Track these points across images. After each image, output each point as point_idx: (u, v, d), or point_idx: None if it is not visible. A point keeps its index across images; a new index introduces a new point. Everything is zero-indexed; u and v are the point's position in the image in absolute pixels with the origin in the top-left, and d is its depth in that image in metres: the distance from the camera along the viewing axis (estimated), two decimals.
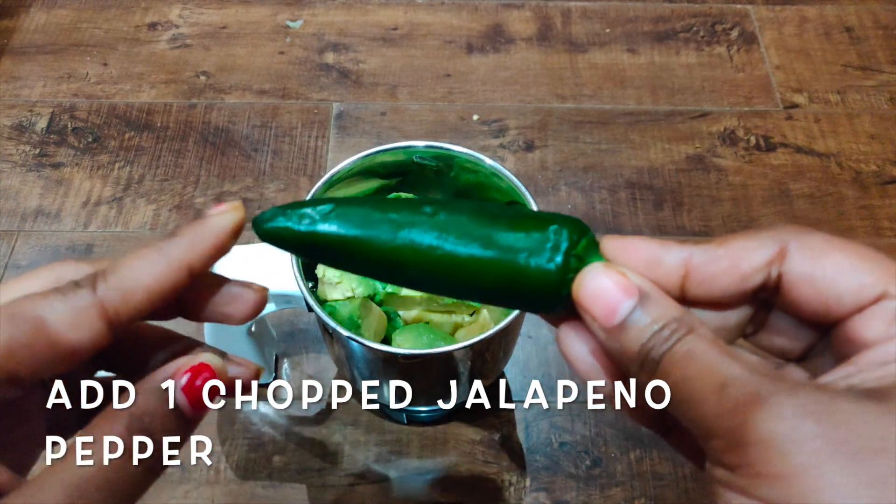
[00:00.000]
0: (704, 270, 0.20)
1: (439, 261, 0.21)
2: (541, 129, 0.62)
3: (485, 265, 0.21)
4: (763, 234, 0.20)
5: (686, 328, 0.19)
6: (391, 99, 0.64)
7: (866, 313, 0.19)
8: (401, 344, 0.39)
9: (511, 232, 0.21)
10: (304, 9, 0.70)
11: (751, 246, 0.20)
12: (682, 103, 0.64)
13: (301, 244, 0.22)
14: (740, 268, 0.20)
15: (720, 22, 0.70)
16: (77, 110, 0.63)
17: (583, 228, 0.21)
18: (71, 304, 0.19)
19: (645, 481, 0.46)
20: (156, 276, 0.20)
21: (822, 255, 0.19)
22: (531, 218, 0.21)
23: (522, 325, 0.44)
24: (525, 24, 0.70)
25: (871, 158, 0.61)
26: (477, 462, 0.47)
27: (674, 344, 0.18)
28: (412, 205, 0.22)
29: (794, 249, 0.19)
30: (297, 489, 0.46)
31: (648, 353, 0.19)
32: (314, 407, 0.49)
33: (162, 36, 0.68)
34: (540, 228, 0.20)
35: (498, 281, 0.21)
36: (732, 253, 0.20)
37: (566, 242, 0.20)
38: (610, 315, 0.19)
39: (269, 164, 0.60)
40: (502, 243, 0.20)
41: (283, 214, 0.22)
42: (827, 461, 0.16)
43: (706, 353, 0.18)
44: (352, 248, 0.21)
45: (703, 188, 0.59)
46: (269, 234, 0.22)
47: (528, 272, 0.20)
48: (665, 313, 0.19)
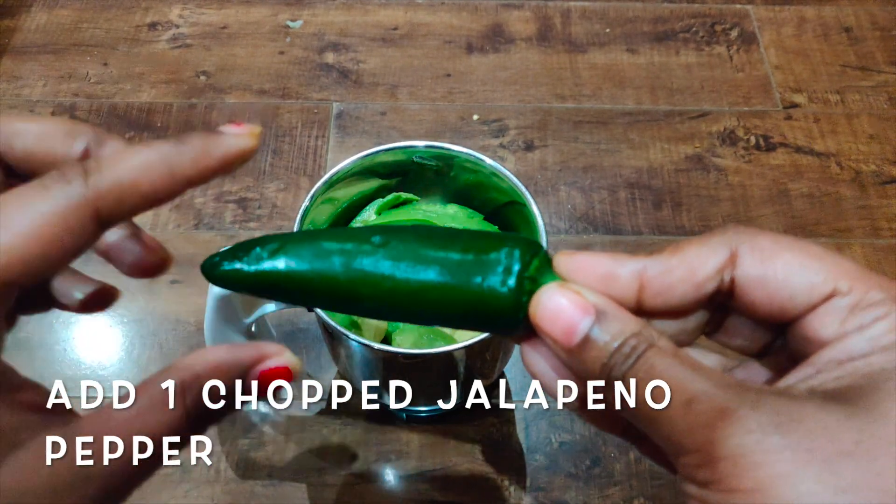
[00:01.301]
0: (660, 282, 0.20)
1: (394, 290, 0.20)
2: (541, 129, 0.62)
3: (439, 291, 0.20)
4: (714, 239, 0.20)
5: (646, 343, 0.19)
6: (391, 99, 0.64)
7: (819, 311, 0.19)
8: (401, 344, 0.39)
9: (463, 255, 0.20)
10: (304, 9, 0.70)
11: (703, 253, 0.20)
12: (682, 103, 0.64)
13: (253, 285, 0.21)
14: (695, 276, 0.20)
15: (720, 22, 0.70)
16: (77, 110, 0.63)
17: (535, 248, 0.21)
18: (60, 201, 0.18)
19: (643, 481, 0.46)
20: (153, 183, 0.18)
21: (771, 256, 0.19)
22: (483, 239, 0.21)
23: None
24: (525, 24, 0.70)
25: (871, 158, 0.61)
26: (477, 462, 0.47)
27: (635, 361, 0.18)
28: (361, 234, 0.21)
29: (745, 252, 0.19)
30: (297, 489, 0.46)
31: (610, 371, 0.19)
32: (314, 407, 0.49)
33: (162, 36, 0.68)
34: (492, 250, 0.20)
35: (454, 306, 0.21)
36: (686, 262, 0.20)
37: (518, 264, 0.20)
38: (569, 335, 0.19)
39: (269, 163, 0.60)
40: (455, 268, 0.20)
41: (230, 257, 0.21)
42: (798, 471, 0.16)
43: (669, 369, 0.18)
44: (304, 285, 0.21)
45: (703, 188, 0.59)
46: (220, 278, 0.21)
47: (483, 296, 0.20)
48: (623, 329, 0.19)
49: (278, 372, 0.20)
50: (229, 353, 0.19)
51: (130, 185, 0.18)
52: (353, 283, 0.21)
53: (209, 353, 0.19)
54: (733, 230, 0.20)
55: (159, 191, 0.19)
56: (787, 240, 0.20)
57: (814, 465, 0.16)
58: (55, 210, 0.17)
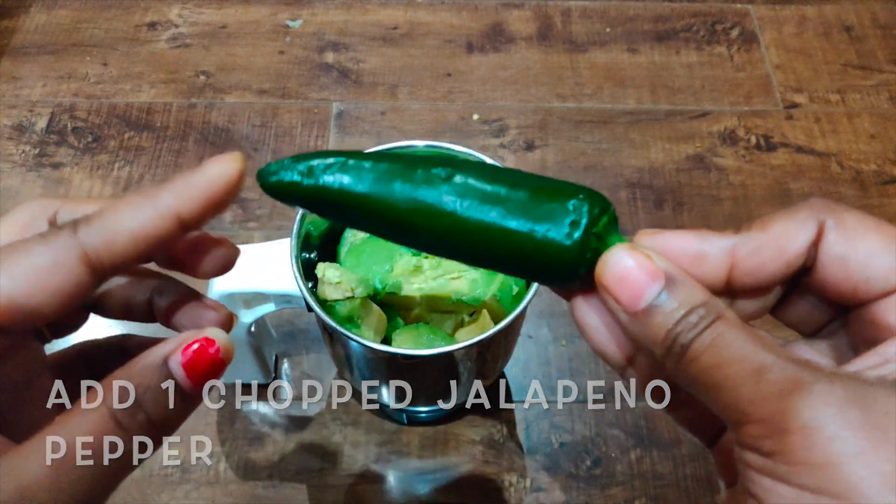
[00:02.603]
0: (751, 260, 0.19)
1: (452, 226, 0.20)
2: (541, 129, 0.62)
3: (500, 235, 0.20)
4: (802, 213, 0.19)
5: (714, 314, 0.18)
6: (391, 98, 0.64)
7: (893, 298, 0.18)
8: (401, 344, 0.39)
9: (530, 200, 0.20)
10: (304, 8, 0.70)
11: (792, 228, 0.19)
12: (683, 103, 0.64)
13: (308, 198, 0.21)
14: (785, 253, 0.19)
15: (720, 21, 0.70)
16: (77, 110, 0.63)
17: (604, 204, 0.20)
18: (51, 248, 0.18)
19: (645, 481, 0.46)
20: (141, 222, 0.19)
21: (856, 235, 0.19)
22: (551, 187, 0.20)
23: (522, 325, 0.44)
24: (525, 24, 0.70)
25: (871, 158, 0.61)
26: (477, 462, 0.47)
27: (703, 330, 0.18)
28: (425, 163, 0.20)
29: (831, 228, 0.19)
30: (297, 489, 0.46)
31: (676, 338, 0.18)
32: (314, 407, 0.49)
33: (162, 36, 0.68)
34: (560, 200, 0.20)
35: (513, 252, 0.20)
36: (776, 238, 0.19)
37: (586, 218, 0.19)
38: (635, 299, 0.19)
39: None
40: (520, 213, 0.19)
41: (288, 167, 0.20)
42: (871, 451, 0.15)
43: (737, 340, 0.18)
44: (361, 206, 0.20)
45: (704, 188, 0.59)
46: (275, 187, 0.21)
47: (545, 246, 0.19)
48: (692, 298, 0.18)
49: (203, 355, 0.19)
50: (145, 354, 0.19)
51: (116, 227, 0.19)
52: (412, 212, 0.20)
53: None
54: (820, 203, 0.19)
55: (148, 229, 0.19)
56: (872, 220, 0.19)
57: (887, 446, 0.15)
58: (46, 257, 0.18)
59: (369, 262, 0.41)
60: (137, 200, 0.19)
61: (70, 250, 0.18)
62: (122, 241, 0.19)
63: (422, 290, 0.40)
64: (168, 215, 0.19)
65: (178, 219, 0.19)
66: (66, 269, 0.18)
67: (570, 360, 0.51)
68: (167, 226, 0.19)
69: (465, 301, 0.40)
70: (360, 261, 0.41)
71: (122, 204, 0.19)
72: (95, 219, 0.19)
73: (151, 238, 0.19)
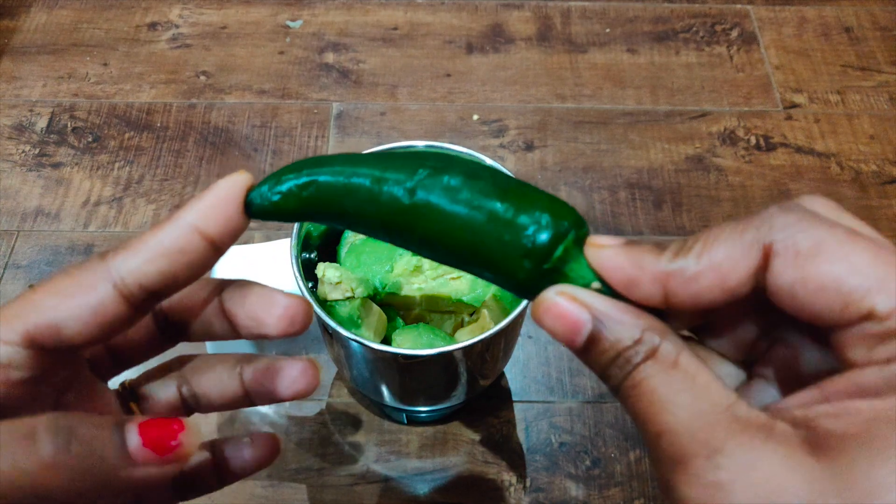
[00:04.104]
0: (686, 289, 0.18)
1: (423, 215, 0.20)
2: (540, 129, 0.62)
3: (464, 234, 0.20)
4: (748, 235, 0.18)
5: (645, 352, 0.18)
6: (391, 99, 0.64)
7: (852, 330, 0.17)
8: (401, 344, 0.39)
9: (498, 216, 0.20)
10: (304, 9, 0.70)
11: (734, 255, 0.18)
12: (682, 103, 0.64)
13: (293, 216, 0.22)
14: (724, 282, 0.18)
15: (720, 22, 0.70)
16: (77, 110, 0.63)
17: (565, 228, 0.20)
18: (80, 271, 0.19)
19: (644, 482, 0.46)
20: (159, 238, 0.19)
21: (807, 259, 0.17)
22: (519, 203, 0.20)
23: (522, 325, 0.44)
24: (525, 24, 0.70)
25: (871, 159, 0.61)
26: (477, 462, 0.47)
27: (628, 374, 0.18)
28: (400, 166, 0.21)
29: (779, 251, 0.17)
30: (297, 489, 0.46)
31: (608, 380, 0.19)
32: (314, 407, 0.49)
33: (162, 36, 0.68)
34: (525, 217, 0.20)
35: (475, 262, 0.20)
36: (714, 266, 0.18)
37: (543, 245, 0.19)
38: (572, 339, 0.19)
39: (269, 163, 0.60)
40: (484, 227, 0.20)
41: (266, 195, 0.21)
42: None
43: (654, 389, 0.17)
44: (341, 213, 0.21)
45: (703, 188, 0.59)
46: (258, 215, 0.21)
47: (504, 268, 0.20)
48: (622, 336, 0.18)
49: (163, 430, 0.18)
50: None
51: (139, 247, 0.19)
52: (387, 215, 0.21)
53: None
54: (771, 217, 0.18)
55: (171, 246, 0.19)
56: (830, 236, 0.17)
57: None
58: (74, 279, 0.19)
59: (369, 262, 0.41)
60: (158, 223, 0.20)
61: (98, 272, 0.19)
62: (145, 258, 0.19)
63: (422, 290, 0.40)
64: (185, 228, 0.19)
65: (198, 231, 0.19)
66: (93, 288, 0.19)
67: (569, 360, 0.51)
68: (187, 239, 0.19)
69: (465, 301, 0.40)
70: (360, 261, 0.41)
71: (147, 230, 0.20)
72: (124, 243, 0.20)
73: (173, 252, 0.19)
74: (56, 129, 0.62)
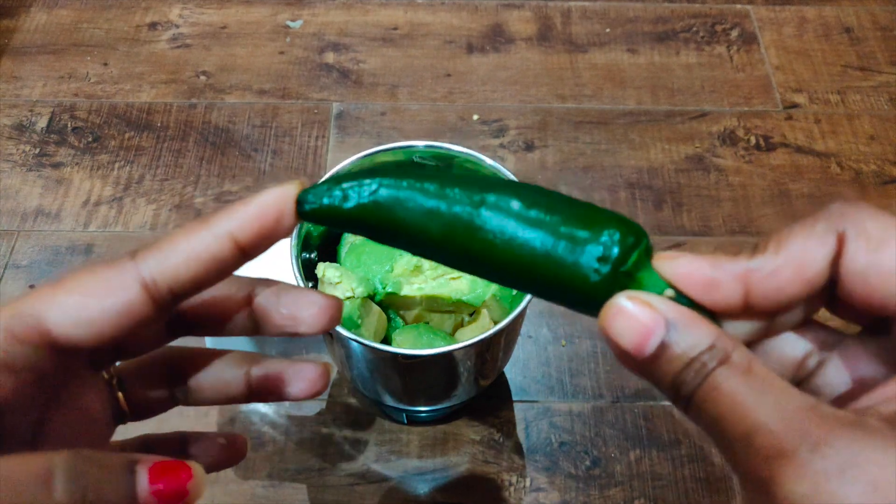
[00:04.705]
0: (767, 285, 0.18)
1: (485, 248, 0.20)
2: (541, 129, 0.62)
3: (532, 262, 0.20)
4: (819, 226, 0.18)
5: (718, 359, 0.17)
6: (391, 99, 0.64)
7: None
8: (401, 344, 0.39)
9: (564, 229, 0.20)
10: (304, 9, 0.70)
11: (810, 246, 0.18)
12: (682, 103, 0.64)
13: (347, 225, 0.21)
14: (804, 274, 0.18)
15: (720, 22, 0.70)
16: (77, 110, 0.63)
17: (637, 237, 0.20)
18: (111, 271, 0.19)
19: (644, 481, 0.46)
20: (193, 243, 0.19)
21: (878, 246, 0.18)
22: (585, 217, 0.20)
23: (522, 325, 0.44)
24: (525, 24, 0.70)
25: (871, 159, 0.61)
26: (477, 462, 0.47)
27: (703, 379, 0.17)
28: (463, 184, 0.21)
29: (851, 238, 0.18)
30: (297, 489, 0.46)
31: (679, 388, 0.18)
32: (314, 407, 0.49)
33: (162, 36, 0.68)
34: (594, 231, 0.19)
35: (544, 280, 0.20)
36: (792, 259, 0.18)
37: (616, 254, 0.19)
38: (639, 348, 0.18)
39: (269, 163, 0.60)
40: (552, 241, 0.20)
41: (323, 194, 0.21)
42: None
43: (735, 392, 0.17)
44: (399, 230, 0.21)
45: (703, 188, 0.59)
46: (311, 216, 0.21)
47: (574, 280, 0.19)
48: (696, 343, 0.18)
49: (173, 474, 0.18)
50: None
51: (172, 250, 0.19)
52: (447, 235, 0.20)
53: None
54: (839, 209, 0.18)
55: (201, 251, 0.19)
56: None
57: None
58: (105, 278, 0.19)
59: (369, 262, 0.41)
60: (193, 225, 0.20)
61: (126, 272, 0.19)
62: (176, 262, 0.19)
63: (422, 290, 0.40)
64: (221, 236, 0.19)
65: (233, 240, 0.19)
66: (121, 288, 0.19)
67: (569, 360, 0.51)
68: (221, 246, 0.19)
69: (465, 301, 0.40)
70: (360, 261, 0.41)
71: (179, 230, 0.20)
72: (153, 243, 0.19)
73: (205, 258, 0.19)
74: (56, 129, 0.62)
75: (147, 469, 0.17)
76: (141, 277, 0.19)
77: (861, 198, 0.59)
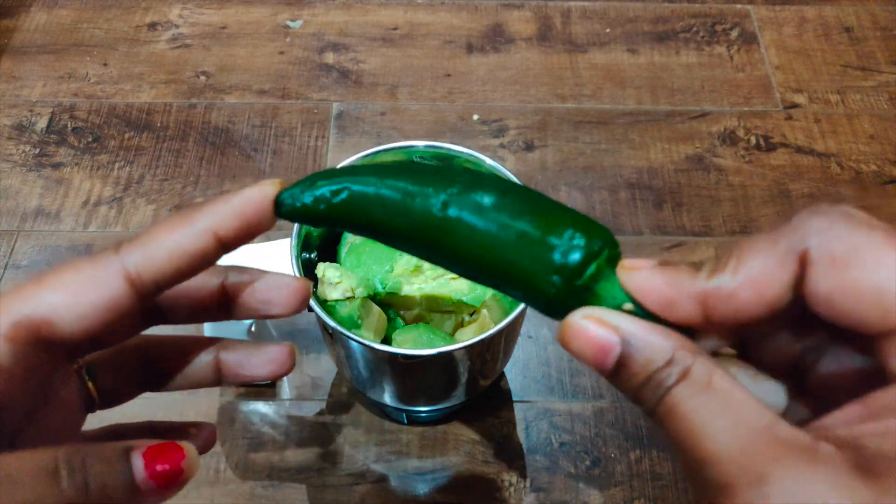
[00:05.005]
0: (725, 306, 0.18)
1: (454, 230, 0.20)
2: (541, 129, 0.62)
3: (496, 262, 0.20)
4: (782, 242, 0.17)
5: (677, 374, 0.17)
6: (391, 99, 0.64)
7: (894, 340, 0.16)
8: (401, 344, 0.39)
9: (529, 232, 0.20)
10: (304, 9, 0.70)
11: (770, 266, 0.17)
12: (682, 103, 0.64)
13: (324, 222, 0.22)
14: (764, 297, 0.17)
15: (720, 22, 0.70)
16: (77, 110, 0.63)
17: (598, 247, 0.19)
18: (94, 265, 0.19)
19: (644, 482, 0.46)
20: (178, 238, 0.20)
21: (843, 267, 0.17)
22: (551, 220, 0.20)
23: (522, 325, 0.44)
24: (525, 24, 0.70)
25: (871, 158, 0.61)
26: (477, 462, 0.47)
27: (661, 397, 0.17)
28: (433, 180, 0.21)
29: (815, 258, 0.17)
30: (297, 489, 0.46)
31: (641, 403, 0.18)
32: (314, 407, 0.49)
33: (162, 36, 0.68)
34: (555, 235, 0.19)
35: (505, 280, 0.20)
36: (751, 281, 0.17)
37: (575, 262, 0.19)
38: (601, 363, 0.18)
39: (269, 163, 0.60)
40: (515, 244, 0.20)
41: (297, 197, 0.21)
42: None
43: (691, 414, 0.17)
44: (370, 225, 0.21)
45: (703, 188, 0.59)
46: (288, 216, 0.22)
47: (533, 287, 0.20)
48: (653, 358, 0.18)
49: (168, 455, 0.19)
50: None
51: (154, 243, 0.20)
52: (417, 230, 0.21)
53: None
54: (805, 221, 0.17)
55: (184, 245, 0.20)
56: (867, 240, 0.17)
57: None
58: (89, 272, 0.19)
59: (369, 262, 0.41)
60: (176, 219, 0.20)
61: (110, 266, 0.19)
62: (161, 256, 0.19)
63: (422, 290, 0.40)
64: (204, 231, 0.20)
65: (215, 236, 0.20)
66: (106, 282, 0.19)
67: (569, 360, 0.51)
68: (204, 242, 0.20)
69: (465, 301, 0.40)
70: (360, 261, 0.41)
71: (160, 224, 0.20)
72: (136, 238, 0.20)
73: (188, 253, 0.20)
74: (56, 129, 0.62)
75: (141, 454, 0.18)
76: (125, 271, 0.19)
77: (841, 200, 0.59)
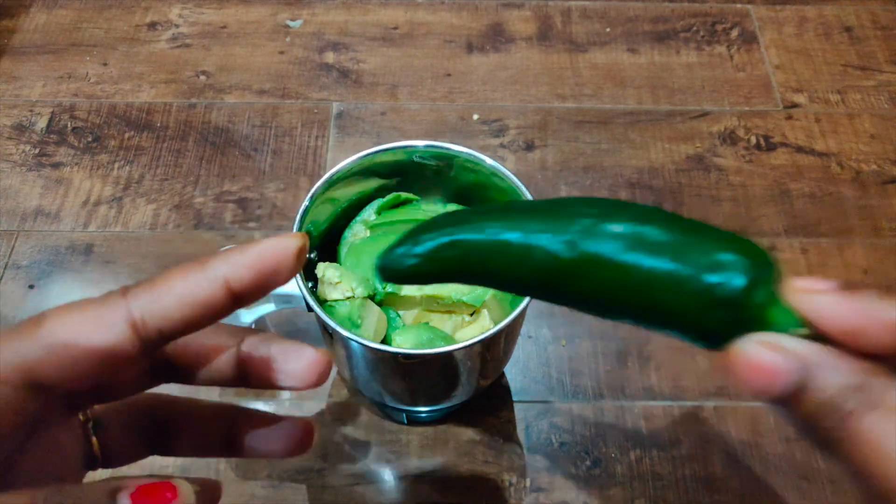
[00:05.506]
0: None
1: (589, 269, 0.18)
2: (541, 129, 0.62)
3: (645, 279, 0.18)
4: None
5: (868, 402, 0.16)
6: (391, 99, 0.64)
7: None
8: (401, 344, 0.39)
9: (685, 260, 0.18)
10: (304, 8, 0.70)
11: None
12: (682, 103, 0.64)
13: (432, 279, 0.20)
14: None
15: (720, 22, 0.70)
16: (77, 110, 0.63)
17: (763, 272, 0.17)
18: (100, 306, 0.18)
19: (644, 482, 0.46)
20: (188, 286, 0.19)
21: None
22: (704, 247, 0.18)
23: (522, 325, 0.44)
24: (525, 24, 0.70)
25: (871, 158, 0.61)
26: (477, 462, 0.47)
27: (847, 422, 0.16)
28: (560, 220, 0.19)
29: None
30: (297, 489, 0.46)
31: (818, 431, 0.17)
32: (314, 407, 0.49)
33: (162, 36, 0.68)
34: (714, 262, 0.17)
35: (664, 318, 0.18)
36: None
37: (741, 289, 0.17)
38: (772, 392, 0.17)
39: (269, 163, 0.60)
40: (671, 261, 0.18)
41: (405, 256, 0.20)
42: None
43: (882, 444, 0.15)
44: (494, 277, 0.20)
45: (704, 188, 0.59)
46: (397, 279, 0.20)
47: (693, 319, 0.18)
48: (841, 382, 0.16)
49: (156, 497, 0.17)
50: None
51: (164, 291, 0.18)
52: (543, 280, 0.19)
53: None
54: None
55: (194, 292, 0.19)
56: None
57: None
58: (93, 313, 0.18)
59: (369, 262, 0.41)
60: (188, 266, 0.19)
61: (115, 310, 0.18)
62: (167, 302, 0.18)
63: (422, 290, 0.40)
64: (216, 280, 0.19)
65: (227, 286, 0.19)
66: (108, 326, 0.18)
67: (569, 360, 0.51)
68: (215, 291, 0.19)
69: (465, 301, 0.40)
70: (360, 261, 0.41)
71: (173, 269, 0.19)
72: (145, 282, 0.19)
73: (198, 302, 0.19)
74: (56, 129, 0.62)
75: (129, 495, 0.17)
76: (130, 315, 0.18)
77: None
